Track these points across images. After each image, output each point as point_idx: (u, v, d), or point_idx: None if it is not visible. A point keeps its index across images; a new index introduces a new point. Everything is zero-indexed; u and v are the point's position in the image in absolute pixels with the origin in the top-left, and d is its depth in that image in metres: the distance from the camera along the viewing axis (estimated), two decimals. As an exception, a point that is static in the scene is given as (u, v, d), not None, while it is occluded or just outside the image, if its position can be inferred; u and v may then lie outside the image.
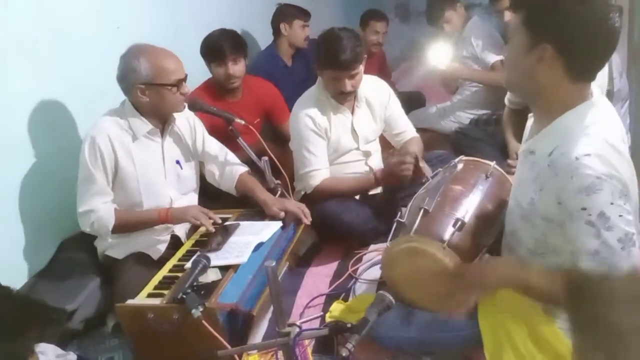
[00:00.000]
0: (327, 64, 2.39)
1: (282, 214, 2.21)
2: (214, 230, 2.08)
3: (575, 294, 0.73)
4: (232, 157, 2.40)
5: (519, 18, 1.36)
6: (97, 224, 2.04)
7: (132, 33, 2.43)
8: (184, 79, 2.09)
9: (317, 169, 2.50)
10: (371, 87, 2.61)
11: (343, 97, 2.50)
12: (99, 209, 2.03)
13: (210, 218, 2.11)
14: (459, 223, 1.57)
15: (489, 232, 1.65)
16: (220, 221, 2.13)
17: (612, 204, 1.25)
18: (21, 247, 2.05)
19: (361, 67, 2.43)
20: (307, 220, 2.24)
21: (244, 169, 2.37)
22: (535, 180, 1.40)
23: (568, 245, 1.35)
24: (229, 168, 2.35)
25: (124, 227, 2.08)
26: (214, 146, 2.37)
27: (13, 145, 2.03)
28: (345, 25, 2.52)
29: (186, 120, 2.27)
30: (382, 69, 4.13)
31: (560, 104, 1.38)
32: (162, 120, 2.16)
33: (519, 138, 2.65)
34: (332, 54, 2.34)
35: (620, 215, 1.26)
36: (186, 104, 2.22)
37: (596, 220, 1.26)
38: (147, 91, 2.04)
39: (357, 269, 2.37)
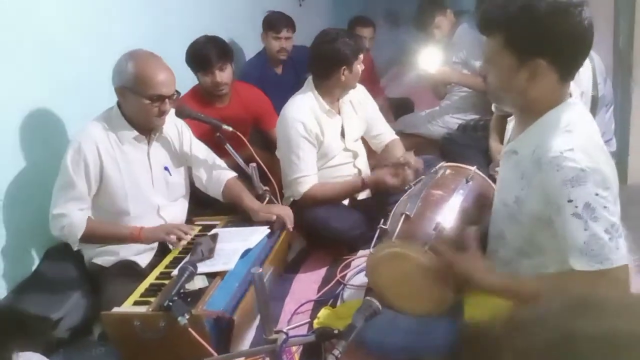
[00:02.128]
0: (354, 54, 2.47)
1: (274, 217, 2.22)
2: (183, 243, 2.06)
3: (470, 347, 0.72)
4: (220, 162, 2.39)
5: (498, 41, 1.38)
6: (67, 229, 2.01)
7: (120, 39, 2.43)
8: (169, 97, 2.04)
9: (306, 175, 2.50)
10: None
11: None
12: (73, 214, 2.01)
13: (185, 233, 2.07)
14: (439, 227, 1.58)
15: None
16: (191, 237, 2.09)
17: (596, 195, 1.29)
18: (6, 255, 2.04)
19: None
20: (290, 225, 2.25)
21: (232, 174, 2.36)
22: (520, 179, 1.43)
23: (554, 244, 1.37)
24: (217, 173, 2.34)
25: (93, 237, 2.06)
26: (202, 151, 2.36)
27: (0, 151, 2.01)
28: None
29: (174, 126, 2.27)
30: (371, 75, 4.14)
31: (544, 104, 1.42)
32: (146, 128, 2.14)
33: (502, 142, 2.69)
34: (355, 43, 2.49)
35: (605, 207, 1.30)
36: (173, 110, 2.21)
37: (582, 211, 1.29)
38: (126, 95, 2.03)
39: (345, 274, 2.37)
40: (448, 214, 1.67)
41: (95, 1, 2.44)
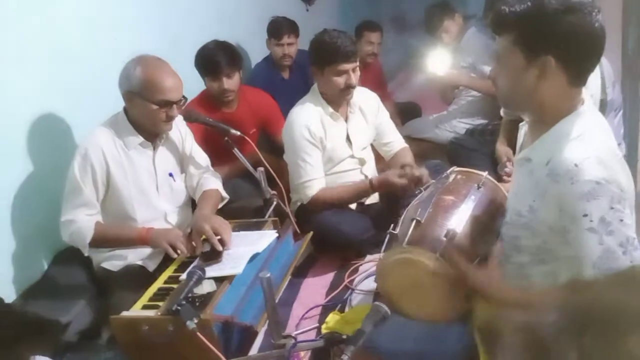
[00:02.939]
0: (332, 57, 2.43)
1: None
2: (177, 256, 1.99)
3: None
4: (214, 173, 2.37)
5: (508, 39, 1.38)
6: (75, 235, 2.01)
7: (130, 45, 2.43)
8: (176, 102, 2.04)
9: (313, 179, 2.51)
10: (362, 96, 2.67)
11: (347, 93, 2.51)
12: (80, 220, 2.01)
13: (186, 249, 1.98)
14: (451, 233, 1.57)
15: (482, 241, 1.66)
16: (191, 253, 1.99)
17: (612, 208, 1.27)
18: (16, 259, 2.05)
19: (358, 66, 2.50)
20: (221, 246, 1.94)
21: (214, 185, 2.31)
22: (534, 188, 1.41)
23: (569, 251, 1.36)
24: (202, 182, 2.31)
25: (102, 242, 2.05)
26: (200, 159, 2.34)
27: (8, 157, 2.03)
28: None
29: (178, 131, 2.27)
30: (378, 80, 4.14)
31: (557, 111, 1.41)
32: (152, 133, 2.14)
33: (510, 145, 2.69)
34: (336, 46, 2.42)
35: (620, 220, 1.27)
36: (181, 116, 2.22)
37: (597, 226, 1.27)
38: (133, 100, 2.04)
39: (353, 279, 2.37)
40: (460, 221, 1.66)
41: (104, 7, 2.46)
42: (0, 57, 1.96)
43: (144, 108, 2.03)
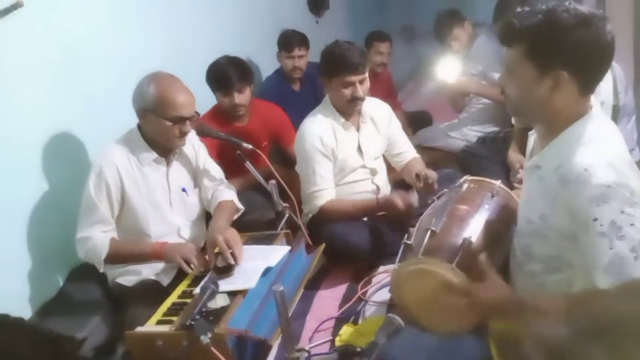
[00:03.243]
0: (339, 68, 2.44)
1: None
2: (191, 271, 2.01)
3: None
4: (228, 185, 2.38)
5: (519, 51, 1.38)
6: (90, 252, 2.03)
7: (141, 61, 2.47)
8: (189, 118, 2.07)
9: (323, 189, 2.52)
10: (373, 106, 2.68)
11: (355, 105, 2.52)
12: (96, 236, 2.03)
13: (200, 264, 2.00)
14: (467, 243, 1.57)
15: (497, 250, 1.65)
16: (204, 268, 2.01)
17: (622, 212, 1.26)
18: (31, 276, 2.06)
19: (367, 77, 2.50)
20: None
21: (229, 196, 2.31)
22: (545, 195, 1.41)
23: (582, 259, 1.34)
24: (217, 194, 2.32)
25: (117, 258, 2.06)
26: (213, 172, 2.35)
27: (23, 173, 2.05)
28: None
29: (191, 146, 2.29)
30: (388, 89, 4.15)
31: (565, 118, 1.41)
32: (166, 149, 2.17)
33: (522, 153, 2.67)
34: (343, 58, 2.43)
35: (631, 224, 1.26)
36: (194, 130, 2.24)
37: (608, 230, 1.26)
38: (147, 117, 2.07)
39: (366, 291, 2.36)
40: (475, 230, 1.65)
41: (116, 24, 2.49)
42: (15, 74, 1.99)
43: (157, 124, 2.06)
